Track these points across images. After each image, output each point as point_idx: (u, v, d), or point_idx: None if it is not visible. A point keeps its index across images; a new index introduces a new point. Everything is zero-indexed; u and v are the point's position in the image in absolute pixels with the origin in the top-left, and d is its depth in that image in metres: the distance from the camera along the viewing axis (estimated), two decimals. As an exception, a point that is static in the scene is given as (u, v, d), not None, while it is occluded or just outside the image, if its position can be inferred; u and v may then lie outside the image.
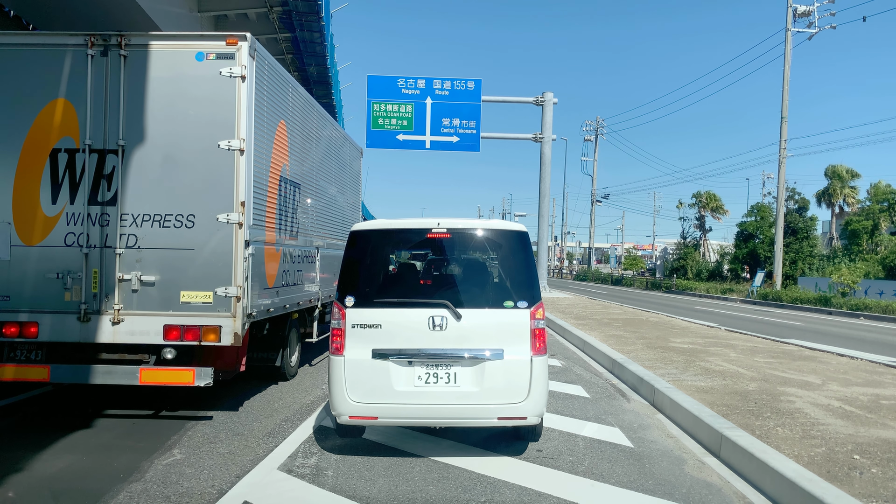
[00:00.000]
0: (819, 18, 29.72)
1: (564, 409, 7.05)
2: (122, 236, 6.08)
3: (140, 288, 6.03)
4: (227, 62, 6.09)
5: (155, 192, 6.11)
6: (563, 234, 74.09)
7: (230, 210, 6.05)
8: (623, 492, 4.63)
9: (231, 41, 6.11)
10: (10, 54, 6.13)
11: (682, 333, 13.38)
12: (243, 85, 6.09)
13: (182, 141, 6.13)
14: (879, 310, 23.19)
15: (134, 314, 6.04)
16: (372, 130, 23.93)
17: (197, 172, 6.11)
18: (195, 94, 6.13)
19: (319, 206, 9.36)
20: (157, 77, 6.15)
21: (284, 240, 7.56)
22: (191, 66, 6.12)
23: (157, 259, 6.07)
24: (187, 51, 6.15)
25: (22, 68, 6.13)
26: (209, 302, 6.01)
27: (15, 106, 6.11)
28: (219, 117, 6.09)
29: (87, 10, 18.33)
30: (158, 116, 6.14)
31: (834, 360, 10.03)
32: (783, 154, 30.40)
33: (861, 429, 5.80)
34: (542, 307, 5.19)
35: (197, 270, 6.05)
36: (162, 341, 6.03)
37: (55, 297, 6.03)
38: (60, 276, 6.04)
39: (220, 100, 6.10)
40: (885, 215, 38.19)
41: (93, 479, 4.68)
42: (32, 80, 6.13)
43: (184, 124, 6.13)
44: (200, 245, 6.06)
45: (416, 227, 5.49)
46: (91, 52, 6.09)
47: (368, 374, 5.03)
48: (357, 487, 4.58)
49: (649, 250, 79.84)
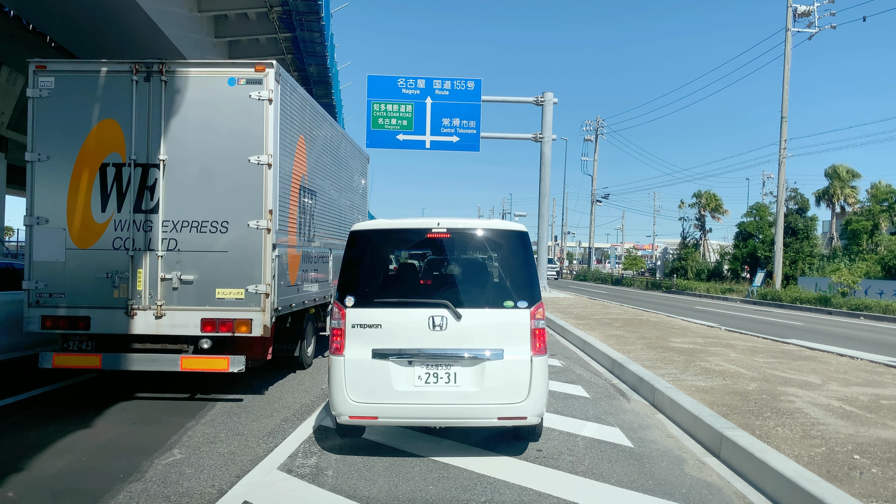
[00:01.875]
0: (819, 18, 29.73)
1: (564, 409, 7.05)
2: (164, 240, 6.82)
3: (180, 286, 6.78)
4: (255, 86, 6.84)
5: (192, 202, 6.84)
6: (563, 233, 74.03)
7: (259, 217, 6.80)
8: (623, 492, 4.62)
9: (259, 68, 6.88)
10: (65, 80, 6.90)
11: (682, 333, 13.38)
12: (270, 107, 6.84)
13: (216, 156, 6.87)
14: (879, 310, 23.19)
15: (174, 309, 6.78)
16: (372, 130, 23.91)
17: (229, 184, 6.84)
18: (227, 114, 6.87)
19: (332, 211, 10.11)
20: (193, 99, 6.89)
21: (304, 242, 8.34)
22: (224, 90, 6.87)
23: (194, 260, 6.80)
24: (220, 76, 6.92)
25: (75, 92, 6.89)
26: (241, 298, 6.76)
27: (69, 126, 6.86)
28: (248, 135, 6.83)
29: (87, 9, 18.34)
30: (195, 134, 6.87)
31: (834, 360, 10.03)
32: (783, 154, 30.40)
33: (861, 429, 5.80)
34: (542, 307, 5.19)
35: (230, 270, 6.78)
36: (199, 333, 6.78)
37: (105, 294, 6.78)
38: (109, 275, 6.79)
39: (249, 120, 6.84)
40: (886, 215, 38.17)
41: (93, 479, 4.68)
42: (84, 103, 6.88)
43: (217, 141, 6.86)
44: (233, 248, 6.80)
45: (415, 227, 5.49)
46: (135, 78, 6.88)
47: (368, 374, 5.02)
48: (357, 487, 4.58)
49: (649, 250, 79.84)
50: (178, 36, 20.63)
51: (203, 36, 23.56)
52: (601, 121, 54.66)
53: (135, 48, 21.19)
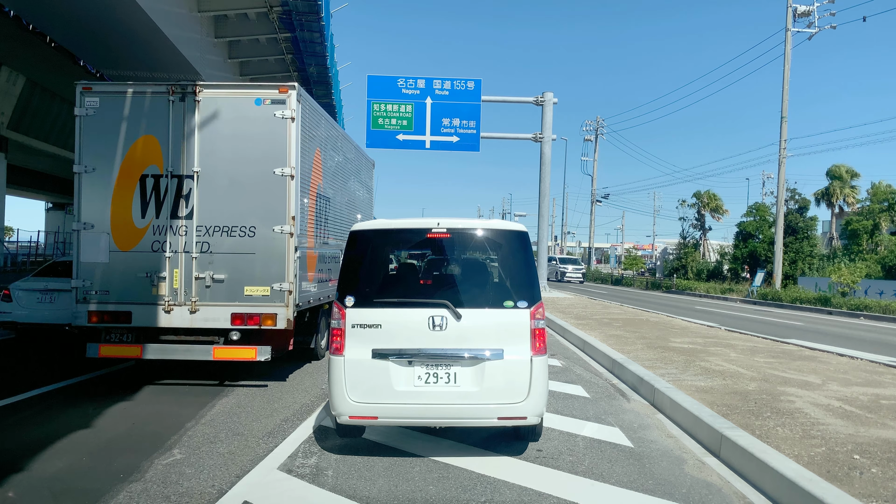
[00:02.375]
0: (819, 18, 29.72)
1: (564, 409, 7.05)
2: (198, 243, 7.53)
3: (212, 284, 7.49)
4: (279, 106, 7.54)
5: (223, 209, 7.53)
6: (563, 233, 74.03)
7: (283, 223, 7.49)
8: (623, 492, 4.63)
9: (283, 90, 7.57)
10: (108, 100, 7.60)
11: (682, 333, 13.37)
12: (293, 124, 7.55)
13: (244, 168, 7.56)
14: (879, 310, 23.19)
15: (207, 305, 7.49)
16: (372, 130, 23.90)
17: (256, 193, 7.52)
18: (254, 131, 7.57)
19: (343, 214, 10.69)
20: (223, 118, 7.60)
21: (319, 244, 9.00)
22: (251, 109, 7.56)
23: (225, 261, 7.50)
24: (248, 97, 7.61)
25: (118, 111, 7.59)
26: (267, 295, 7.46)
27: (112, 141, 7.57)
28: (273, 150, 7.52)
29: (86, 10, 18.34)
30: (225, 149, 7.57)
31: (834, 360, 10.03)
32: (783, 154, 30.40)
33: (861, 429, 5.80)
34: (542, 307, 5.19)
35: (257, 270, 7.48)
36: (230, 326, 7.48)
37: (145, 291, 7.50)
38: (149, 275, 7.50)
39: (274, 136, 7.53)
40: (886, 215, 38.18)
41: (93, 479, 4.68)
42: (126, 120, 7.58)
43: (245, 155, 7.56)
44: (260, 250, 7.49)
45: (415, 227, 5.49)
46: (172, 98, 7.57)
47: (368, 374, 5.02)
48: (357, 487, 4.58)
49: (649, 250, 79.83)
50: (178, 36, 20.61)
51: (203, 36, 23.54)
52: (601, 121, 54.66)
53: (135, 48, 21.19)
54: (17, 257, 34.80)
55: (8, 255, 33.88)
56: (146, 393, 7.46)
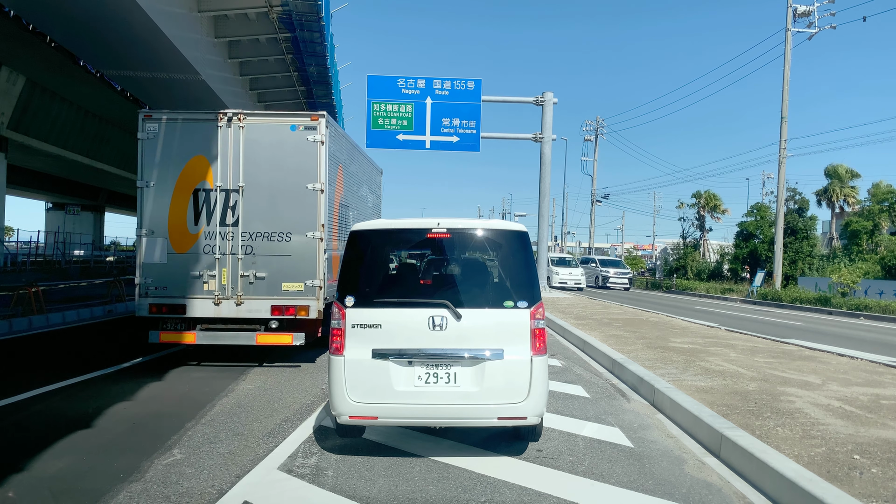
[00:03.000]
0: (819, 18, 29.71)
1: (564, 409, 7.05)
2: (242, 247, 8.82)
3: (255, 281, 8.77)
4: (311, 132, 8.83)
5: (263, 218, 8.81)
6: (563, 233, 73.96)
7: (314, 230, 8.80)
8: (623, 492, 4.63)
9: (314, 118, 8.87)
10: (166, 125, 8.84)
11: (682, 333, 13.37)
12: (322, 147, 8.83)
13: (281, 184, 8.82)
14: (879, 310, 23.19)
15: (251, 298, 8.78)
16: (372, 130, 23.89)
17: (291, 204, 8.79)
18: (289, 152, 8.84)
19: (359, 220, 11.64)
20: (263, 141, 8.85)
21: (341, 246, 9.76)
22: (287, 134, 8.85)
23: (265, 262, 8.80)
24: (284, 123, 8.89)
25: (176, 134, 8.85)
26: (301, 290, 8.74)
27: (169, 160, 8.81)
28: (305, 168, 8.81)
29: (86, 10, 18.33)
30: (265, 167, 8.84)
31: (834, 360, 10.03)
32: (783, 154, 30.40)
33: (861, 429, 5.80)
34: (542, 307, 5.19)
35: (292, 269, 8.76)
36: (269, 316, 8.77)
37: (197, 287, 8.78)
38: (200, 273, 8.78)
39: (306, 156, 8.82)
40: (886, 215, 38.18)
41: (93, 479, 4.69)
42: (181, 143, 8.84)
43: (282, 172, 8.83)
44: (295, 252, 8.78)
45: (415, 227, 5.48)
46: (220, 124, 8.84)
47: (368, 374, 5.02)
48: (357, 487, 4.58)
49: (649, 250, 79.84)
50: (178, 36, 20.60)
51: (203, 36, 23.53)
52: (601, 121, 54.61)
53: (135, 48, 21.19)
54: (17, 257, 34.79)
55: (8, 255, 33.86)
56: (146, 392, 7.47)
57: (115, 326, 13.54)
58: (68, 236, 42.91)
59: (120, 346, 10.92)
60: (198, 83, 24.49)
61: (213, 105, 27.84)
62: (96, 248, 49.95)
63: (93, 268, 36.55)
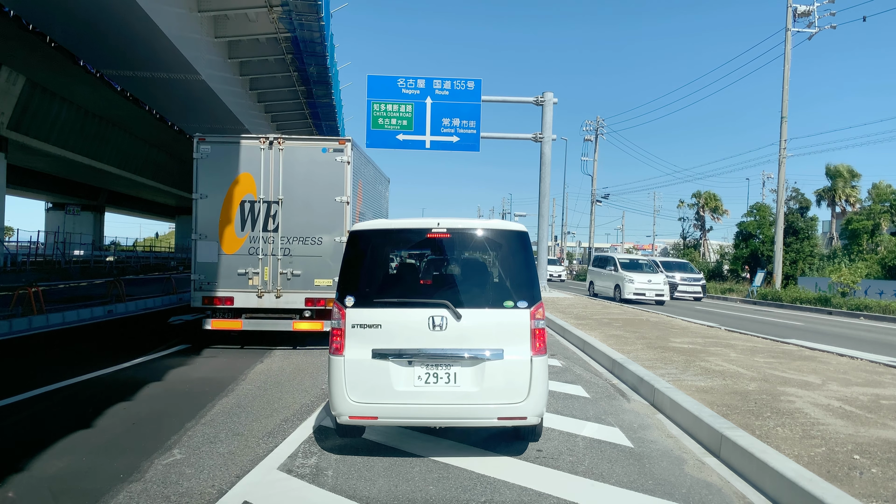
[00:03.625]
0: (819, 18, 29.70)
1: (564, 409, 7.05)
2: (281, 249, 10.48)
3: (291, 277, 10.42)
4: (339, 153, 10.51)
5: (299, 225, 10.43)
6: (563, 233, 73.92)
7: (342, 235, 10.28)
8: (623, 492, 4.62)
9: (342, 142, 10.56)
10: (217, 147, 10.49)
11: (681, 333, 13.37)
12: (348, 167, 10.51)
13: (314, 196, 10.47)
14: (879, 310, 23.19)
15: (288, 292, 10.43)
16: (372, 130, 23.88)
17: (322, 214, 10.40)
18: (320, 170, 10.51)
19: None
20: (299, 160, 10.53)
21: None
22: (319, 155, 10.54)
23: (300, 261, 10.44)
24: (316, 146, 10.58)
25: (225, 155, 10.52)
26: (330, 285, 10.22)
27: (220, 176, 10.45)
28: (334, 183, 10.49)
29: (86, 9, 18.33)
30: (300, 183, 10.50)
31: (834, 360, 10.02)
32: (783, 154, 30.40)
33: (861, 429, 5.80)
34: (542, 307, 5.18)
35: (323, 267, 10.37)
36: (304, 307, 10.41)
37: (243, 282, 10.47)
38: (246, 271, 10.46)
39: (334, 174, 10.50)
40: (886, 215, 38.19)
41: (93, 479, 4.68)
42: (229, 162, 10.49)
43: (314, 187, 10.49)
44: (325, 254, 10.39)
45: (415, 227, 5.48)
46: (262, 147, 10.49)
47: (368, 374, 5.02)
48: (357, 487, 4.58)
49: (649, 250, 79.80)
50: (178, 35, 20.60)
51: (203, 35, 23.53)
52: (601, 121, 54.60)
53: (135, 48, 21.18)
54: (17, 257, 34.75)
55: (8, 255, 33.84)
56: (146, 392, 7.47)
57: (115, 327, 13.54)
58: (68, 236, 42.88)
59: (120, 346, 10.93)
60: (198, 83, 24.50)
61: (214, 105, 27.86)
62: (96, 249, 49.93)
63: (93, 268, 36.54)
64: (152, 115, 33.32)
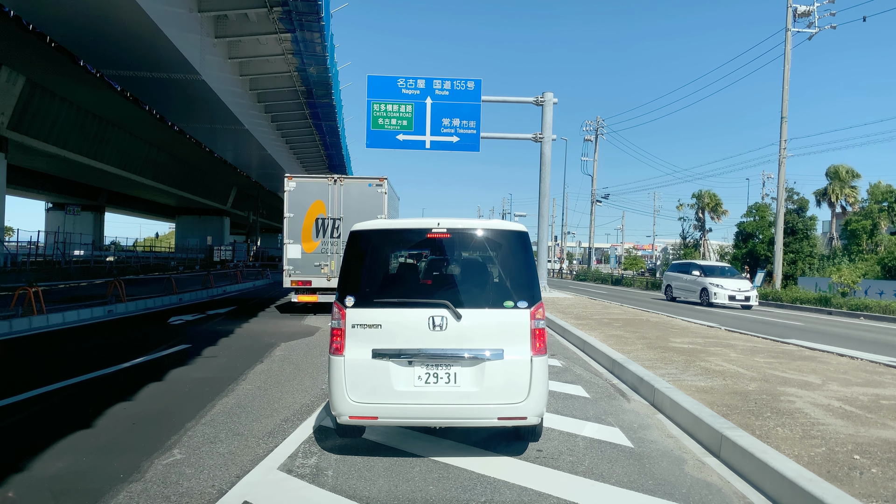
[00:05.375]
0: (819, 18, 29.72)
1: (564, 409, 7.05)
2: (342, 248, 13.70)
3: None
4: (379, 187, 16.25)
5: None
6: (563, 234, 73.99)
7: None
8: (623, 492, 4.63)
9: (381, 179, 16.28)
10: (300, 183, 16.30)
11: (682, 333, 13.37)
12: (385, 196, 16.16)
13: (363, 215, 14.28)
14: (879, 310, 23.19)
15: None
16: (372, 130, 23.90)
17: None
18: (367, 199, 16.16)
19: None
20: (353, 192, 16.27)
21: None
22: (366, 188, 16.30)
23: None
24: (364, 182, 16.38)
25: (305, 189, 16.29)
26: None
27: (301, 202, 16.21)
28: (376, 207, 15.93)
29: (86, 10, 18.32)
30: (354, 206, 16.09)
31: (834, 360, 10.03)
32: (783, 154, 30.41)
33: (861, 429, 5.80)
34: (542, 307, 5.18)
35: None
36: None
37: (317, 271, 16.18)
38: (319, 263, 16.12)
39: (376, 201, 16.10)
40: (885, 215, 38.20)
41: (93, 479, 4.68)
42: (308, 193, 16.28)
43: (363, 209, 15.67)
44: None
45: (415, 227, 5.48)
46: (329, 183, 16.31)
47: (368, 374, 5.02)
48: (357, 487, 4.58)
49: (649, 250, 79.85)
50: (178, 35, 20.60)
51: (203, 36, 23.53)
52: (601, 121, 54.64)
53: (135, 48, 21.17)
54: (17, 257, 34.76)
55: (8, 255, 33.83)
56: (146, 392, 7.47)
57: (116, 327, 13.54)
58: (68, 236, 42.86)
59: (120, 346, 10.93)
60: (198, 83, 24.51)
61: (214, 105, 27.88)
62: (96, 249, 49.96)
63: (93, 268, 36.54)
64: (152, 115, 33.33)
